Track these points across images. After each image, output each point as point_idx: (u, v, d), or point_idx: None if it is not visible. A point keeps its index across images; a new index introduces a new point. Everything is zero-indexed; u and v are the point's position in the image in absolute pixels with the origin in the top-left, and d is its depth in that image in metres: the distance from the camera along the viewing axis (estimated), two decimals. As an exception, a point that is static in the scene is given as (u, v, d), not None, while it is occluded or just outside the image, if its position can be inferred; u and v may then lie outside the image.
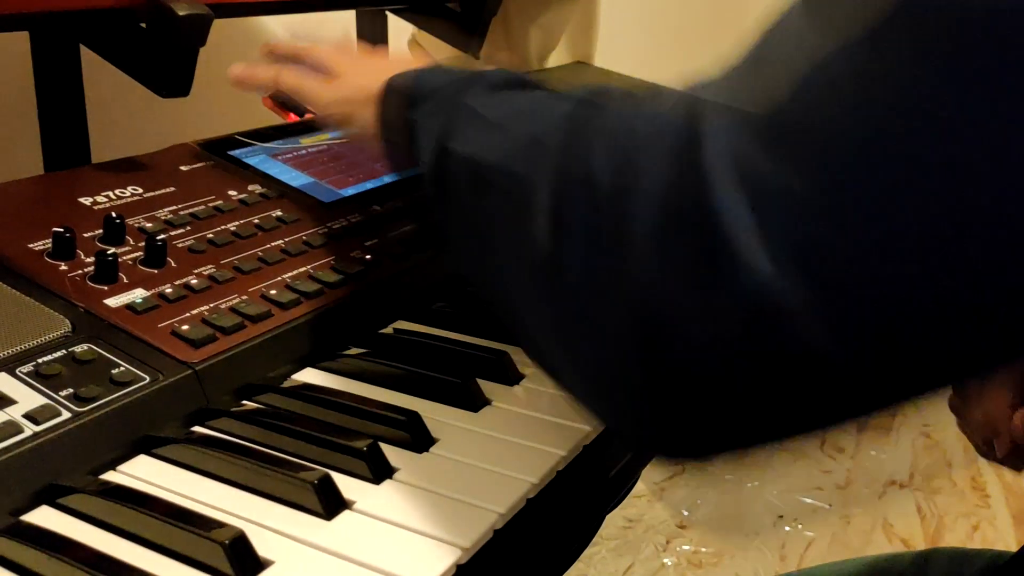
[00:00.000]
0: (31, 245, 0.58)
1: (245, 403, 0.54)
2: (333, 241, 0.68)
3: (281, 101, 0.91)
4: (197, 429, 0.52)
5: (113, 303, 0.55)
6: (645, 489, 1.71)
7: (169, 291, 0.57)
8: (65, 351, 0.50)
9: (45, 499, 0.45)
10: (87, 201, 0.64)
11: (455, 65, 0.59)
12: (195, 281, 0.59)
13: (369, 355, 0.60)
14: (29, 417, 0.46)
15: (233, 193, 0.70)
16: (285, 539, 0.43)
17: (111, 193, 0.65)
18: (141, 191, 0.67)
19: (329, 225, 0.69)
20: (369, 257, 0.67)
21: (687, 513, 1.67)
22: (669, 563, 1.56)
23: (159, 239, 0.60)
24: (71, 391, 0.48)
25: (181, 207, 0.66)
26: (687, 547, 1.59)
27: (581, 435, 0.52)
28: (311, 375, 0.58)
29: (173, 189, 0.68)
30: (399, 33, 1.18)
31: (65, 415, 0.47)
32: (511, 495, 0.47)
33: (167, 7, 0.65)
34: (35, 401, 0.47)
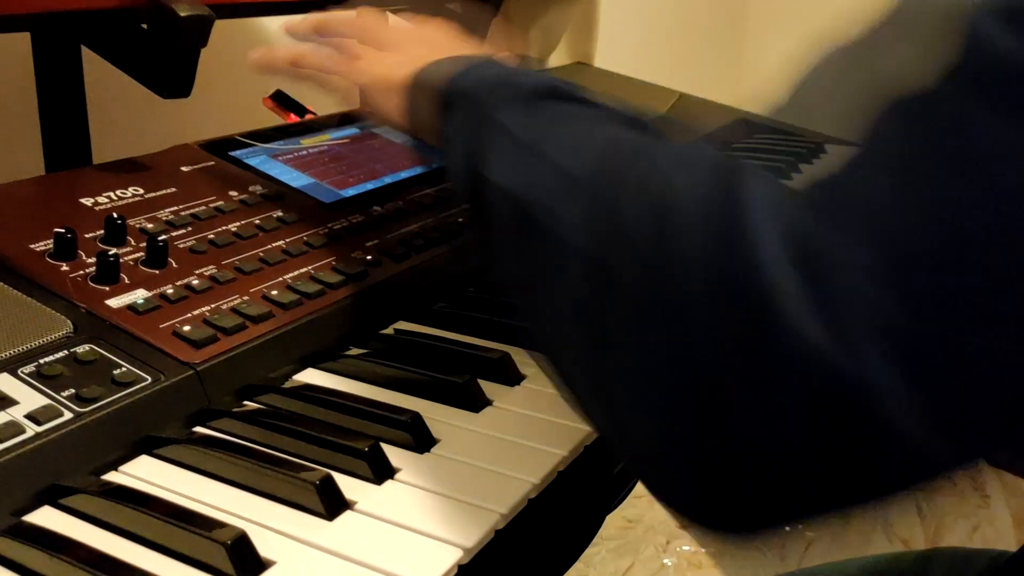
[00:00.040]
0: (32, 246, 0.58)
1: (246, 403, 0.54)
2: (334, 242, 0.68)
3: (282, 101, 0.92)
4: (198, 429, 0.52)
5: (114, 304, 0.55)
6: (645, 489, 1.71)
7: (170, 292, 0.57)
8: (67, 352, 0.51)
9: (47, 499, 0.45)
10: (88, 202, 0.64)
11: (491, 58, 0.56)
12: (196, 282, 0.59)
13: (370, 355, 0.60)
14: (31, 418, 0.46)
15: (234, 194, 0.70)
16: (287, 539, 0.43)
17: (112, 194, 0.66)
18: (142, 192, 0.67)
19: (330, 226, 0.70)
20: (370, 258, 0.67)
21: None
22: (669, 563, 1.56)
23: (160, 240, 0.60)
24: (73, 392, 0.48)
25: (182, 208, 0.66)
26: (687, 547, 1.59)
27: (582, 435, 0.53)
28: (312, 375, 0.59)
29: (174, 190, 0.68)
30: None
31: (67, 415, 0.47)
32: (512, 495, 0.47)
33: (168, 8, 0.65)
34: (37, 402, 0.47)
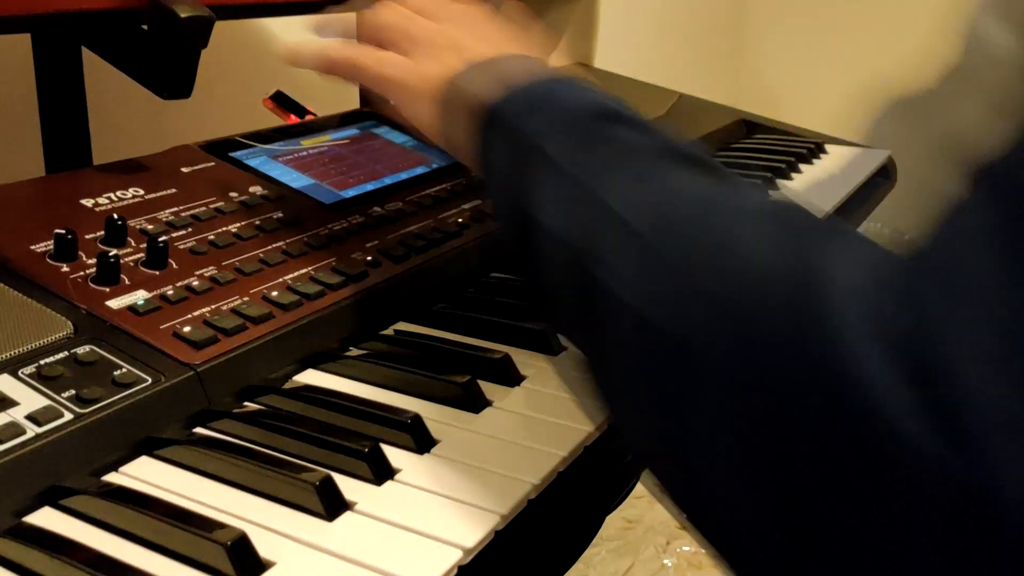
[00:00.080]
0: (33, 247, 0.58)
1: (247, 404, 0.54)
2: (334, 243, 0.68)
3: (282, 102, 0.92)
4: (199, 430, 0.52)
5: (115, 305, 0.55)
6: (645, 490, 1.71)
7: (171, 292, 0.57)
8: (67, 353, 0.51)
9: (47, 500, 0.45)
10: (89, 203, 0.64)
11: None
12: (196, 282, 0.59)
13: (370, 356, 0.60)
14: (31, 419, 0.46)
15: (234, 195, 0.70)
16: (287, 540, 0.43)
17: (112, 195, 0.66)
18: (142, 193, 0.67)
19: (330, 227, 0.70)
20: (370, 258, 0.67)
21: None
22: (669, 564, 1.56)
23: (160, 241, 0.60)
24: (73, 393, 0.48)
25: (182, 209, 0.66)
26: (687, 548, 1.59)
27: (582, 436, 0.53)
28: (313, 376, 0.59)
29: (174, 191, 0.68)
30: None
31: (67, 416, 0.47)
32: (512, 496, 0.47)
33: (169, 9, 0.65)
34: (37, 403, 0.47)
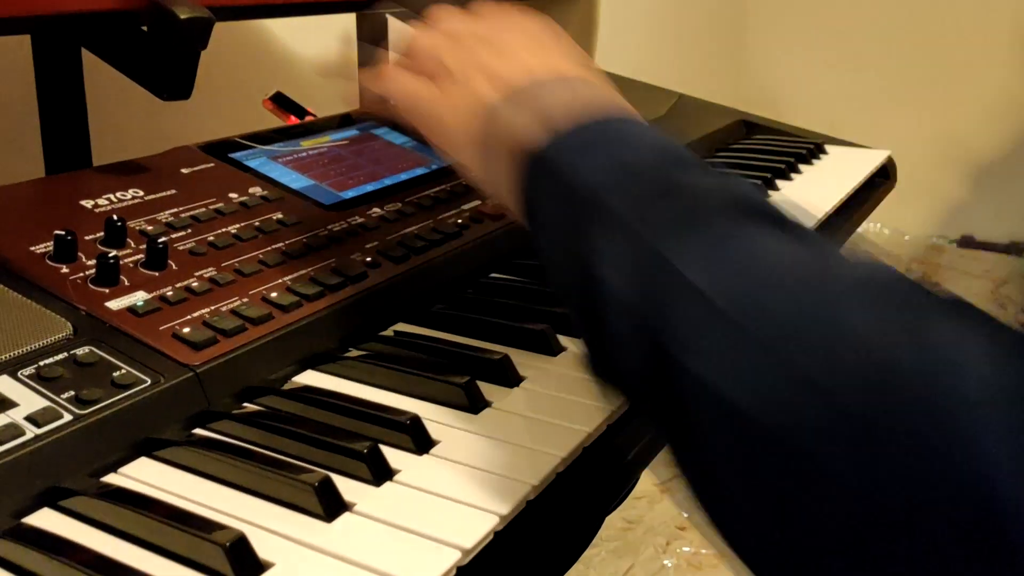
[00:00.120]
0: (33, 248, 0.58)
1: (246, 405, 0.54)
2: (333, 243, 0.68)
3: (281, 103, 0.92)
4: (198, 431, 0.52)
5: (114, 306, 0.55)
6: (645, 491, 1.71)
7: (170, 293, 0.57)
8: (66, 354, 0.51)
9: (46, 501, 0.45)
10: (88, 204, 0.64)
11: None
12: (196, 283, 0.59)
13: (369, 357, 0.61)
14: (30, 420, 0.46)
15: (234, 195, 0.70)
16: (285, 541, 0.43)
17: (112, 196, 0.66)
18: (142, 194, 0.67)
19: (329, 227, 0.70)
20: (369, 259, 0.67)
21: (687, 515, 1.67)
22: (669, 565, 1.56)
23: (160, 242, 0.60)
24: (72, 394, 0.48)
25: (182, 209, 0.66)
26: (687, 549, 1.59)
27: (581, 437, 0.53)
28: (312, 377, 0.59)
29: (174, 191, 0.68)
30: (399, 36, 1.18)
31: (66, 418, 0.47)
32: (511, 497, 0.47)
33: (168, 10, 0.65)
34: (36, 404, 0.47)
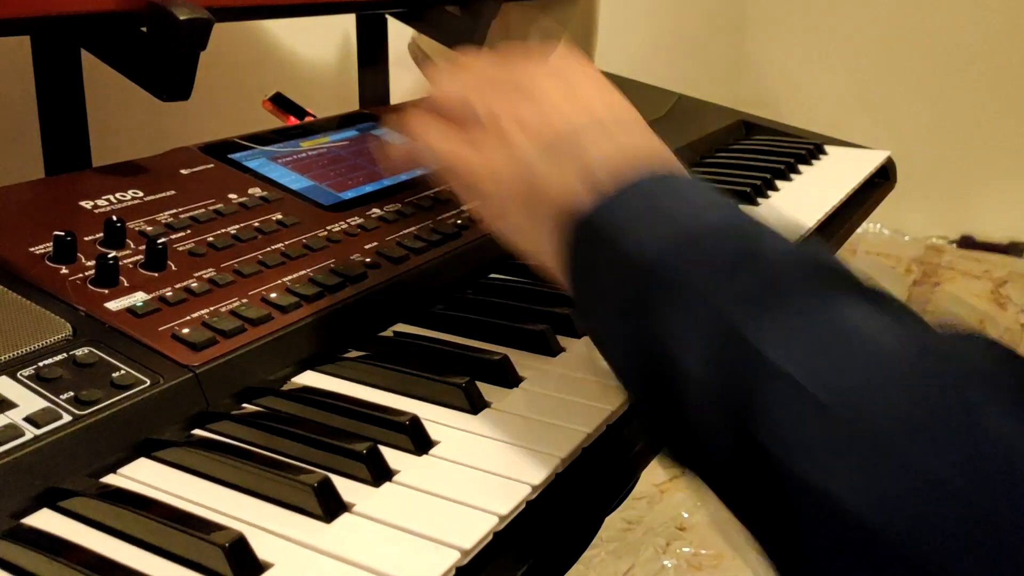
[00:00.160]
0: (32, 249, 0.58)
1: (245, 406, 0.55)
2: (333, 244, 0.68)
3: (281, 103, 0.92)
4: (197, 432, 0.52)
5: (114, 306, 0.55)
6: (645, 491, 1.71)
7: (169, 294, 0.57)
8: (66, 354, 0.51)
9: (46, 502, 0.45)
10: (88, 205, 0.64)
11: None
12: (195, 284, 0.59)
13: (369, 358, 0.61)
14: (30, 420, 0.46)
15: (233, 196, 0.70)
16: (285, 542, 0.43)
17: (112, 196, 0.66)
18: (142, 194, 0.67)
19: (329, 228, 0.70)
20: (369, 260, 0.67)
21: (687, 515, 1.67)
22: (669, 565, 1.56)
23: (159, 242, 0.60)
24: (72, 394, 0.48)
25: (181, 210, 0.66)
26: (687, 549, 1.59)
27: (580, 437, 0.53)
28: (311, 378, 0.59)
29: (173, 192, 0.68)
30: (399, 37, 1.19)
31: (66, 418, 0.47)
32: (510, 498, 0.47)
33: (168, 11, 0.65)
34: (36, 404, 0.47)
